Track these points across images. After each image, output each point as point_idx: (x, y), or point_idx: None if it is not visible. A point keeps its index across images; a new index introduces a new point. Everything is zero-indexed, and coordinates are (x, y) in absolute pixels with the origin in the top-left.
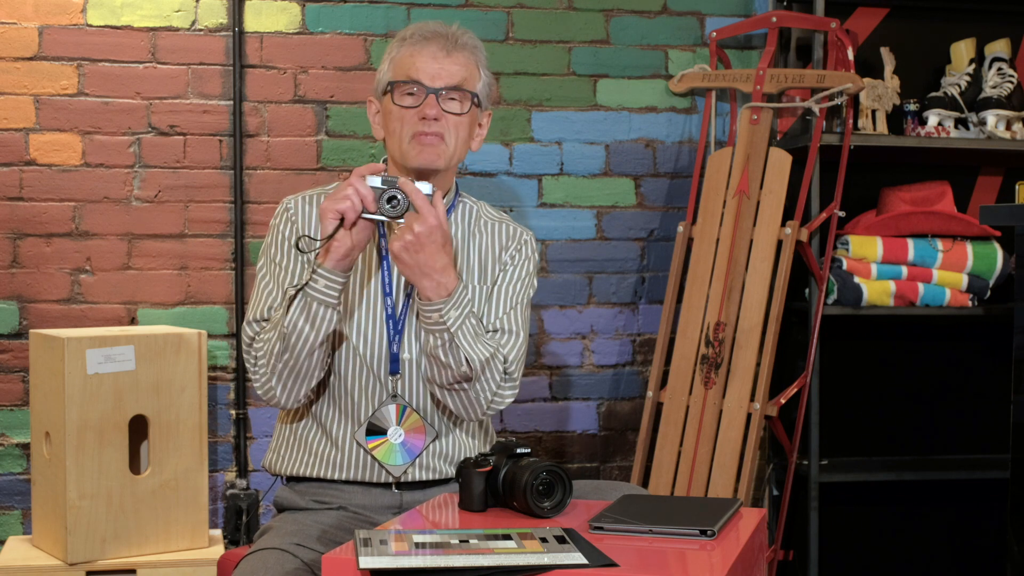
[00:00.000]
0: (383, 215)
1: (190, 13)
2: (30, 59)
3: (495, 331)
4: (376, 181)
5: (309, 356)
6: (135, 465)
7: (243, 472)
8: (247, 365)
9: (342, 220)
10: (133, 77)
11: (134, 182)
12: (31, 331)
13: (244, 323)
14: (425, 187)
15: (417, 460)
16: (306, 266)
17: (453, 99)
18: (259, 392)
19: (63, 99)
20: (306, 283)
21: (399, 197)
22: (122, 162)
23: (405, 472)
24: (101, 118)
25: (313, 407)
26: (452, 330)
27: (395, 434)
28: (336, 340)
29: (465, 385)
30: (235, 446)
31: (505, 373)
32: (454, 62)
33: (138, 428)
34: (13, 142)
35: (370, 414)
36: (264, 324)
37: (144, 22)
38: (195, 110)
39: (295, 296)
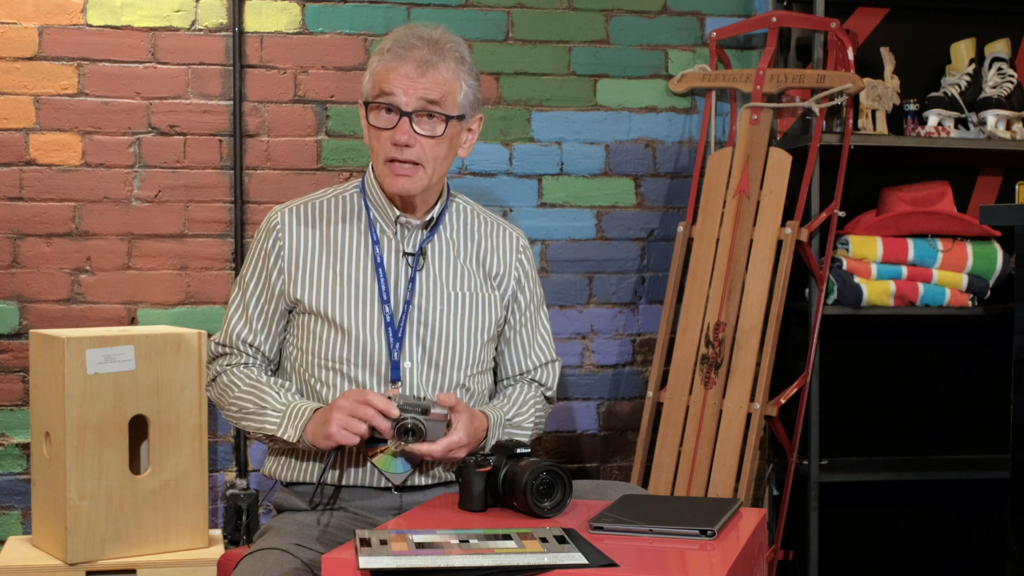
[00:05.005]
0: (398, 440)
1: (190, 13)
2: (30, 59)
3: (542, 364)
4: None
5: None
6: (135, 465)
7: (243, 472)
8: (208, 372)
9: None
10: (133, 77)
11: (134, 182)
12: (31, 331)
13: (212, 339)
14: (441, 410)
15: (417, 468)
16: (290, 423)
17: (427, 120)
18: (208, 396)
19: (63, 99)
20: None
21: (418, 429)
22: (122, 162)
23: (405, 480)
24: (101, 118)
25: None
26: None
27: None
28: (336, 349)
29: None
30: (235, 446)
31: (546, 400)
32: (430, 80)
33: (138, 428)
34: (13, 142)
35: None
36: (226, 350)
37: (144, 22)
38: (195, 110)
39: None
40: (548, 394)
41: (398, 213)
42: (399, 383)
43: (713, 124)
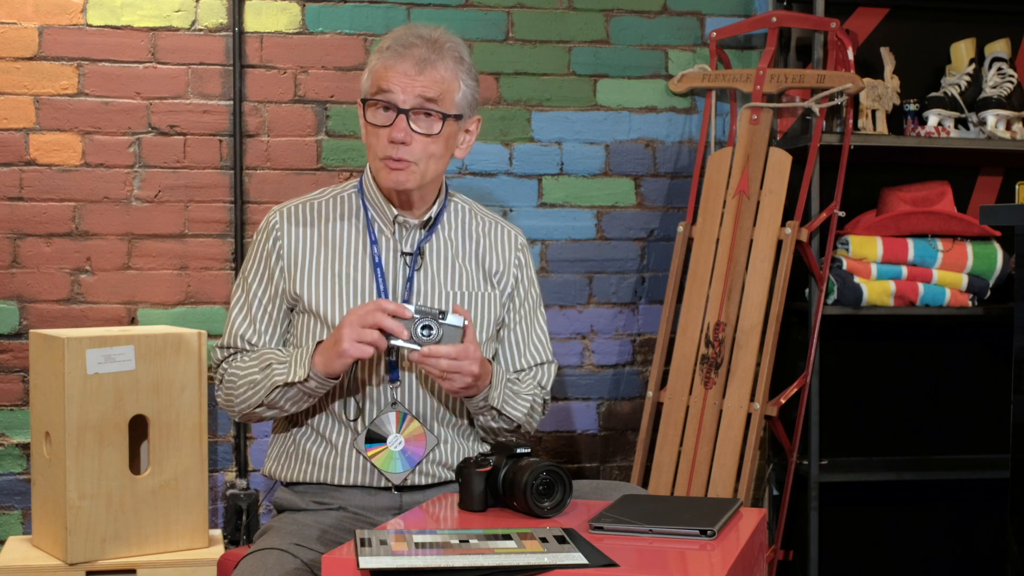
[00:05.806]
0: (415, 342)
1: (190, 13)
2: (30, 59)
3: (537, 364)
4: (410, 309)
5: (281, 414)
6: (135, 465)
7: (243, 472)
8: (215, 378)
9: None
10: (133, 77)
11: (134, 182)
12: (31, 331)
13: (216, 345)
14: (457, 319)
15: (417, 467)
16: (297, 364)
17: (425, 118)
18: (218, 402)
19: (63, 99)
20: (298, 382)
21: (434, 327)
22: (122, 162)
23: (404, 479)
24: (101, 118)
25: (311, 417)
26: (498, 406)
27: (395, 441)
28: None
29: (513, 428)
30: (235, 446)
31: (543, 400)
32: (428, 78)
33: (138, 428)
34: (13, 142)
35: (369, 422)
36: (231, 352)
37: (144, 22)
38: (195, 110)
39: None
40: (545, 395)
41: (396, 212)
42: (398, 382)
43: (713, 124)
